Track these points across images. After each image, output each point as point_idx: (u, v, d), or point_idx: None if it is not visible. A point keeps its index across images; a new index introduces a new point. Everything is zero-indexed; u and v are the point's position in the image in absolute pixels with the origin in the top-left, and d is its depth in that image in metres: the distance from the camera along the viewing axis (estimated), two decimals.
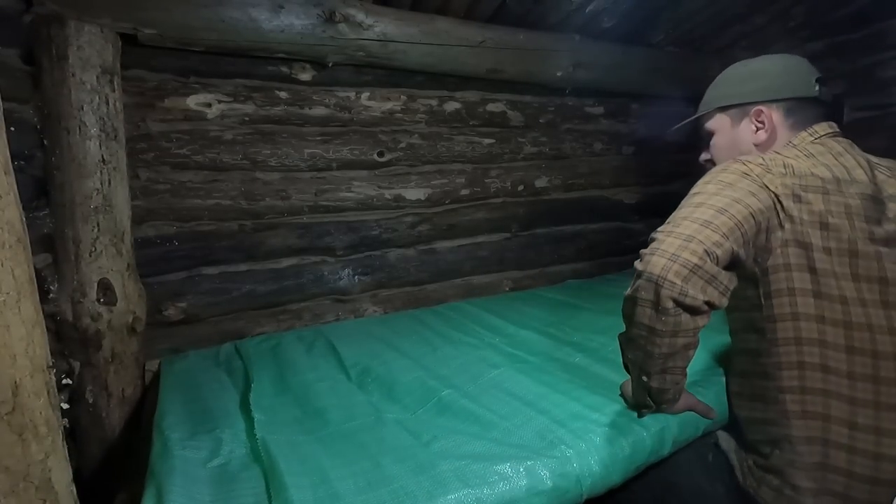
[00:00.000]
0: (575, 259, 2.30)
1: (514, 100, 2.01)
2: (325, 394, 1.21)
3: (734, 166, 0.89)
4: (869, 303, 0.82)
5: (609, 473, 0.91)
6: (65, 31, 1.18)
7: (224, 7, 1.34)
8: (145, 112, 1.42)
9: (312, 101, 1.64)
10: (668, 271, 0.78)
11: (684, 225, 0.81)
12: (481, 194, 2.02)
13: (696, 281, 0.78)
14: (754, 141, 1.02)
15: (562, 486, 0.86)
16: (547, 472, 0.86)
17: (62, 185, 1.22)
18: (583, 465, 0.89)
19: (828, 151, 0.95)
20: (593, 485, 0.89)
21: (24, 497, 0.72)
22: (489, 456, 0.90)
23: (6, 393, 0.69)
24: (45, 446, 0.75)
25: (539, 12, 1.75)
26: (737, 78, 1.06)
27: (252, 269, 1.65)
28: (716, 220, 0.80)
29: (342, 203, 1.74)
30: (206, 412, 1.11)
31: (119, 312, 1.32)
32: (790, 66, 1.04)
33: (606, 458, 0.92)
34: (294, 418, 1.11)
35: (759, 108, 1.01)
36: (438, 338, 1.55)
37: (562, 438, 0.95)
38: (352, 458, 0.92)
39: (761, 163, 0.88)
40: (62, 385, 1.28)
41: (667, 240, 0.80)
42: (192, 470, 0.91)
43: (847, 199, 0.87)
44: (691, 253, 0.78)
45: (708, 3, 1.89)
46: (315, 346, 1.50)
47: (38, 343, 0.75)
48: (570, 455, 0.90)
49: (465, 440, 0.96)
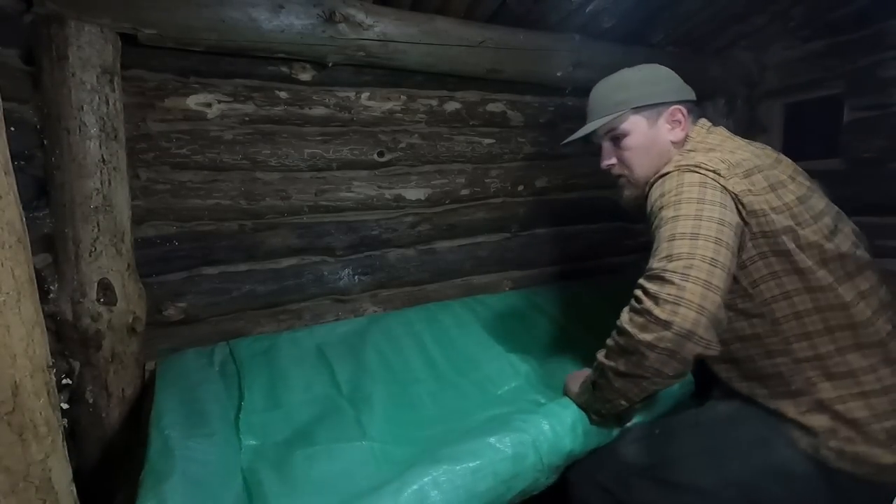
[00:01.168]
0: (575, 259, 2.30)
1: (514, 100, 2.01)
2: (314, 412, 1.21)
3: (689, 177, 0.92)
4: (839, 257, 0.91)
5: (560, 438, 1.02)
6: (65, 31, 1.18)
7: (224, 7, 1.34)
8: (145, 112, 1.42)
9: (312, 101, 1.64)
10: (699, 325, 0.79)
11: (696, 267, 0.81)
12: (481, 194, 2.02)
13: (715, 330, 0.82)
14: (672, 139, 1.07)
15: (521, 453, 0.98)
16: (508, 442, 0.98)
17: (62, 185, 1.22)
18: (537, 433, 1.01)
19: (728, 138, 1.04)
20: (550, 450, 1.00)
21: (24, 497, 0.72)
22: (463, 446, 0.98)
23: (6, 393, 0.69)
24: (45, 446, 0.75)
25: (539, 12, 1.75)
26: (644, 81, 1.11)
27: (252, 269, 1.65)
28: (719, 255, 0.82)
29: (342, 203, 1.74)
30: (201, 415, 1.11)
31: (119, 312, 1.32)
32: (670, 72, 1.16)
33: (557, 425, 1.03)
34: (284, 439, 1.11)
35: (677, 108, 1.07)
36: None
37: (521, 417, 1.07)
38: (334, 485, 0.95)
39: (709, 168, 0.92)
40: (62, 385, 1.28)
41: (688, 286, 0.80)
42: (191, 469, 0.91)
43: (782, 179, 0.95)
44: (712, 303, 0.80)
45: (708, 3, 1.89)
46: (307, 355, 1.48)
47: (38, 343, 0.75)
48: (525, 426, 1.02)
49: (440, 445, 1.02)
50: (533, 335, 1.65)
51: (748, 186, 0.90)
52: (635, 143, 1.08)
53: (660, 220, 0.90)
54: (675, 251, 0.83)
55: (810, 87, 2.15)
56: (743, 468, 0.91)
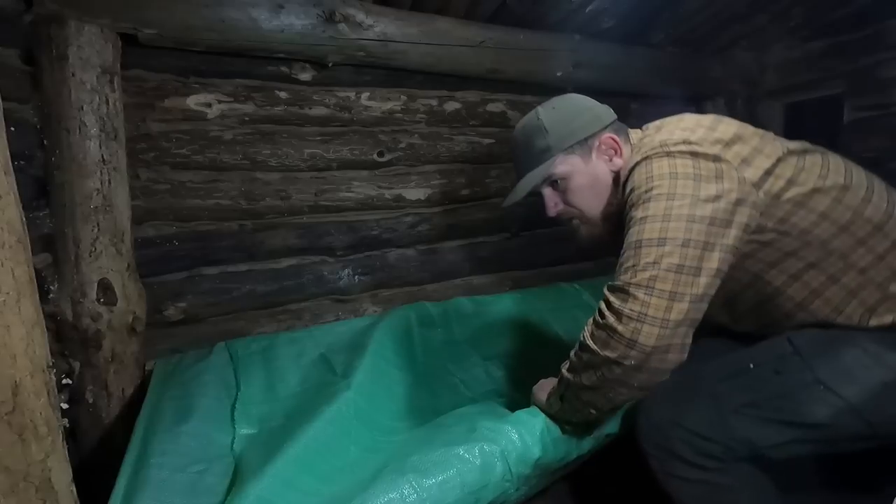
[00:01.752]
0: (575, 259, 2.30)
1: (514, 100, 2.01)
2: (310, 405, 1.21)
3: (657, 166, 0.89)
4: (842, 198, 0.90)
5: (529, 448, 1.00)
6: (65, 31, 1.18)
7: (224, 7, 1.34)
8: (145, 112, 1.42)
9: (312, 101, 1.64)
10: (662, 340, 0.79)
11: (661, 278, 0.80)
12: (481, 194, 2.01)
13: (690, 331, 0.82)
14: (612, 168, 1.04)
15: (489, 464, 0.95)
16: (476, 453, 0.95)
17: (62, 185, 1.22)
18: (506, 443, 0.99)
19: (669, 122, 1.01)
20: (518, 458, 0.98)
21: (24, 497, 0.72)
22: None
23: (6, 393, 0.69)
24: (45, 446, 0.75)
25: (539, 12, 1.75)
26: (561, 120, 1.07)
27: (252, 269, 1.65)
28: (686, 259, 0.81)
29: (342, 203, 1.74)
30: (191, 417, 1.11)
31: (119, 312, 1.32)
32: (584, 99, 1.11)
33: (525, 434, 1.01)
34: (281, 427, 1.11)
35: (607, 136, 1.03)
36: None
37: (488, 426, 1.04)
38: (325, 479, 0.95)
39: (688, 143, 0.90)
40: (62, 385, 1.28)
41: (652, 301, 0.80)
42: (167, 476, 0.91)
43: (754, 144, 0.92)
44: (679, 312, 0.80)
45: (708, 3, 1.89)
46: (305, 351, 1.49)
47: (38, 343, 0.75)
48: (494, 438, 0.99)
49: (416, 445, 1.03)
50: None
51: (744, 156, 0.88)
52: (577, 183, 1.05)
53: (630, 219, 0.88)
54: (640, 261, 0.82)
55: (810, 87, 2.15)
56: (860, 392, 0.84)
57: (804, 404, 0.87)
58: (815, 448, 0.89)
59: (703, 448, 0.88)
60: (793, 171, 0.90)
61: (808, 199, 0.89)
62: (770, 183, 0.88)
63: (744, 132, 0.93)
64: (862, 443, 0.88)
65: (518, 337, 1.69)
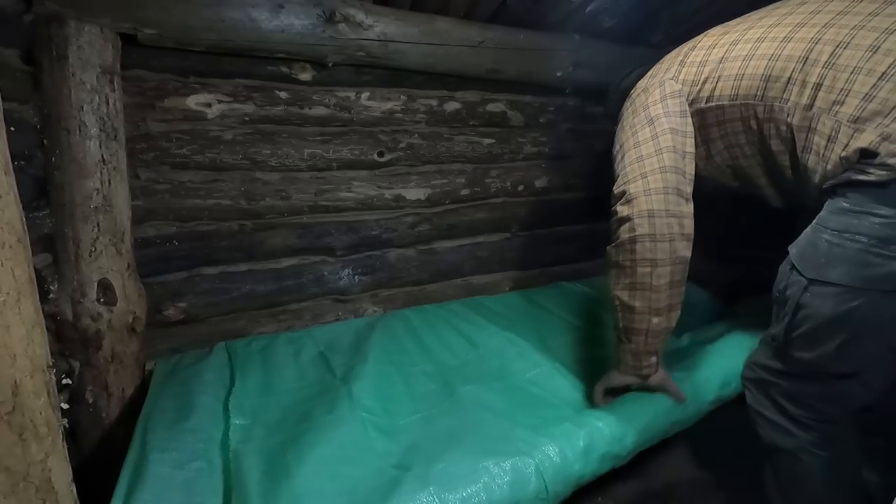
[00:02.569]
0: (575, 259, 2.30)
1: (514, 100, 2.01)
2: (308, 397, 1.21)
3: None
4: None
5: (569, 463, 0.95)
6: (65, 31, 1.18)
7: (224, 7, 1.34)
8: (145, 112, 1.42)
9: (312, 101, 1.64)
10: (651, 206, 1.03)
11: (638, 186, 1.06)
12: (481, 194, 2.02)
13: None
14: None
15: (521, 479, 0.90)
16: (507, 468, 0.91)
17: (62, 185, 1.22)
18: (542, 458, 0.94)
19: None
20: (555, 475, 0.93)
21: (24, 497, 0.72)
22: (458, 462, 0.94)
23: (6, 393, 0.69)
24: (45, 446, 0.75)
25: (539, 12, 1.75)
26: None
27: (252, 269, 1.65)
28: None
29: (342, 203, 1.74)
30: (191, 415, 1.12)
31: (119, 312, 1.32)
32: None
33: (566, 448, 0.97)
34: (275, 421, 1.11)
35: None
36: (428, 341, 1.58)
37: (522, 437, 1.00)
38: (325, 469, 0.94)
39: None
40: (62, 385, 1.28)
41: (635, 201, 1.06)
42: (166, 473, 0.91)
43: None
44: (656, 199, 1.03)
45: (708, 2, 1.89)
46: (304, 349, 1.50)
47: (38, 343, 0.75)
48: (528, 451, 0.95)
49: (441, 450, 0.99)
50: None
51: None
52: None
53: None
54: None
55: None
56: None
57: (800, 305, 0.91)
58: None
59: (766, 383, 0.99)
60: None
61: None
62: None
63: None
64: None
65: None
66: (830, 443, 0.94)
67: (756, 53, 0.98)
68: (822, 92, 0.87)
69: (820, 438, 0.94)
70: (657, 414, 1.12)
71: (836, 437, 0.95)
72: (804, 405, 0.95)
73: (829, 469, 0.94)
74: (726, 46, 1.05)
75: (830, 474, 0.95)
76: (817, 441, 0.94)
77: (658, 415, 1.12)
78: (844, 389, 0.91)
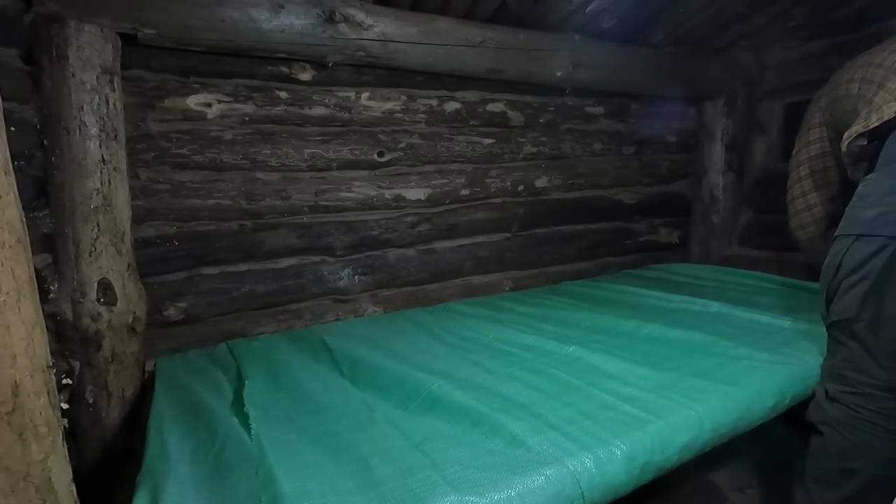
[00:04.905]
0: (575, 259, 2.30)
1: (514, 100, 2.01)
2: (317, 391, 1.21)
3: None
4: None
5: (606, 472, 0.89)
6: (65, 31, 1.18)
7: (224, 7, 1.34)
8: (145, 112, 1.42)
9: (312, 101, 1.64)
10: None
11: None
12: (481, 194, 2.02)
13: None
14: None
15: (557, 485, 0.84)
16: (542, 473, 0.85)
17: (62, 185, 1.22)
18: (578, 465, 0.88)
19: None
20: (591, 482, 0.87)
21: (24, 497, 0.72)
22: (479, 460, 0.90)
23: (6, 393, 0.69)
24: (45, 446, 0.75)
25: (539, 12, 1.75)
26: None
27: (252, 269, 1.65)
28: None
29: (342, 203, 1.74)
30: (200, 411, 1.11)
31: (119, 312, 1.32)
32: None
33: (602, 456, 0.90)
34: (286, 416, 1.11)
35: None
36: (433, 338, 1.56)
37: (554, 441, 0.94)
38: (342, 458, 0.93)
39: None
40: (62, 385, 1.28)
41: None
42: (186, 470, 0.91)
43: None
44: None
45: (708, 3, 1.89)
46: (308, 345, 1.50)
47: (38, 343, 0.75)
48: (562, 456, 0.89)
49: (455, 442, 0.96)
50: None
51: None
52: None
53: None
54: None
55: (810, 87, 2.14)
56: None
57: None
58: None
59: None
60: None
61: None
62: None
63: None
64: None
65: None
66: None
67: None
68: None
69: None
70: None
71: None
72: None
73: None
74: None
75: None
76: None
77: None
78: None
